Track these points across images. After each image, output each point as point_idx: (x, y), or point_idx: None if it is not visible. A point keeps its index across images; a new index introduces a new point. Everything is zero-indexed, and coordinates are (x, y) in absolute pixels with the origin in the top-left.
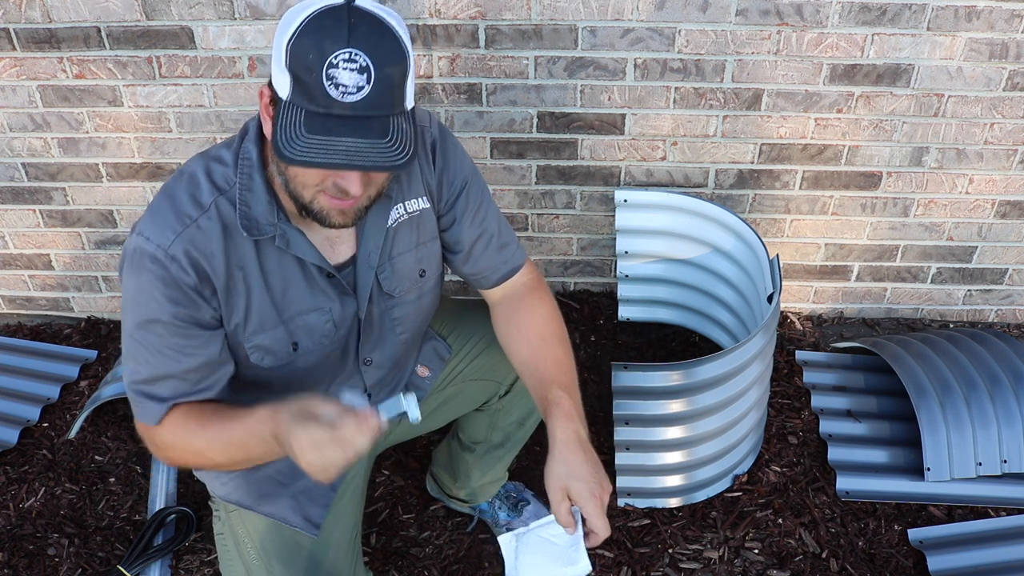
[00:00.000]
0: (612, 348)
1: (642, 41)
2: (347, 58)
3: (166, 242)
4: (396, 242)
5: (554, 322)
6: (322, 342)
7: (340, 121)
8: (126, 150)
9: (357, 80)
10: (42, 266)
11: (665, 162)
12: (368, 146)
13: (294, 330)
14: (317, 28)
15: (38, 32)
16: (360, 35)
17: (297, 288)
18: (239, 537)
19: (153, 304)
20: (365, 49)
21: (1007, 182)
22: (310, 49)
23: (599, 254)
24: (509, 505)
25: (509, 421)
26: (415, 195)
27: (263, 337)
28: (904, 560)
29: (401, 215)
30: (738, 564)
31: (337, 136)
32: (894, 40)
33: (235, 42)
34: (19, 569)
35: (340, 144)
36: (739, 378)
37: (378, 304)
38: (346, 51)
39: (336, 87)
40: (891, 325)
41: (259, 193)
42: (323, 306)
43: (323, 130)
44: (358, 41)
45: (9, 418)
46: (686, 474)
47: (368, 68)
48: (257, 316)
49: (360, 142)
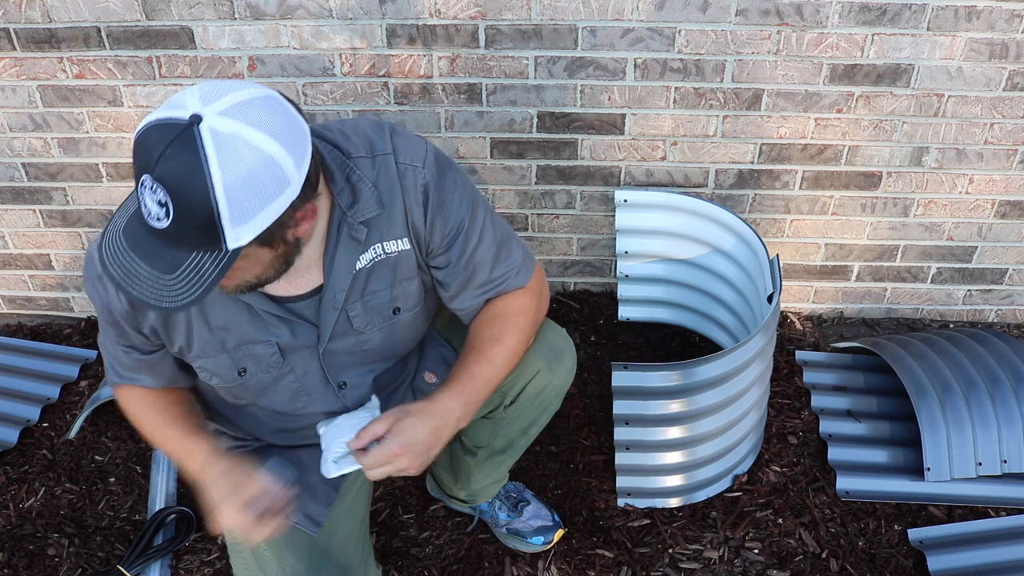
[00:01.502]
0: (612, 348)
1: (642, 41)
2: (150, 187)
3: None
4: (370, 281)
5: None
6: (270, 370)
7: (144, 236)
8: (126, 150)
9: (157, 211)
10: (42, 266)
11: (665, 162)
12: (147, 275)
13: (239, 358)
14: (146, 139)
15: (38, 32)
16: (166, 168)
17: (239, 321)
18: None
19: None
20: (166, 184)
21: (1007, 182)
22: (136, 157)
23: (599, 254)
24: (509, 505)
25: (513, 429)
26: (396, 236)
27: (206, 361)
28: (904, 560)
29: (378, 255)
30: (738, 564)
31: (133, 252)
32: (894, 40)
33: (235, 42)
34: (19, 569)
35: (128, 261)
36: (739, 378)
37: (346, 339)
38: (150, 179)
39: (144, 207)
40: (891, 325)
41: None
42: (268, 339)
43: (129, 236)
44: (162, 174)
45: (9, 418)
46: (686, 474)
47: (167, 206)
48: (198, 344)
49: (143, 268)
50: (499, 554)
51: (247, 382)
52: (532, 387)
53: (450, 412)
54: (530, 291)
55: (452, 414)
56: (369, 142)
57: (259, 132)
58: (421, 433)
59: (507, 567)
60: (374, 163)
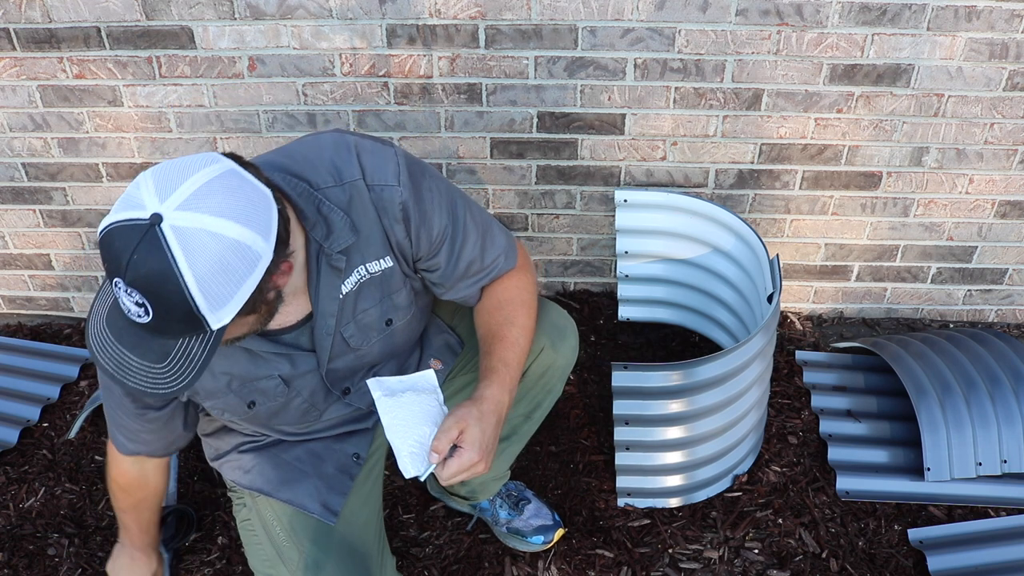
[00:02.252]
0: (612, 348)
1: (642, 41)
2: (125, 290)
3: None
4: (359, 301)
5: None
6: (277, 399)
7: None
8: (126, 150)
9: (136, 311)
10: (42, 266)
11: (665, 162)
12: (139, 365)
13: (246, 395)
14: (110, 242)
15: (38, 32)
16: (138, 274)
17: (239, 364)
18: (267, 520)
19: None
20: (139, 288)
21: (1007, 182)
22: (104, 258)
23: (599, 254)
24: (510, 504)
25: (516, 414)
26: (377, 256)
27: (215, 402)
28: (904, 560)
29: (363, 276)
30: (738, 564)
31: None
32: (894, 40)
33: (235, 42)
34: (19, 569)
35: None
36: (739, 378)
37: (345, 357)
38: (122, 282)
39: (122, 304)
40: (891, 325)
41: None
42: (270, 373)
43: (113, 329)
44: (135, 279)
45: (9, 418)
46: (686, 474)
47: (144, 304)
48: (203, 390)
49: (132, 359)
50: (499, 554)
51: (258, 412)
52: (537, 366)
53: (502, 403)
54: (521, 268)
55: (503, 404)
56: (336, 169)
57: (220, 219)
58: (488, 434)
59: (507, 567)
60: (344, 190)
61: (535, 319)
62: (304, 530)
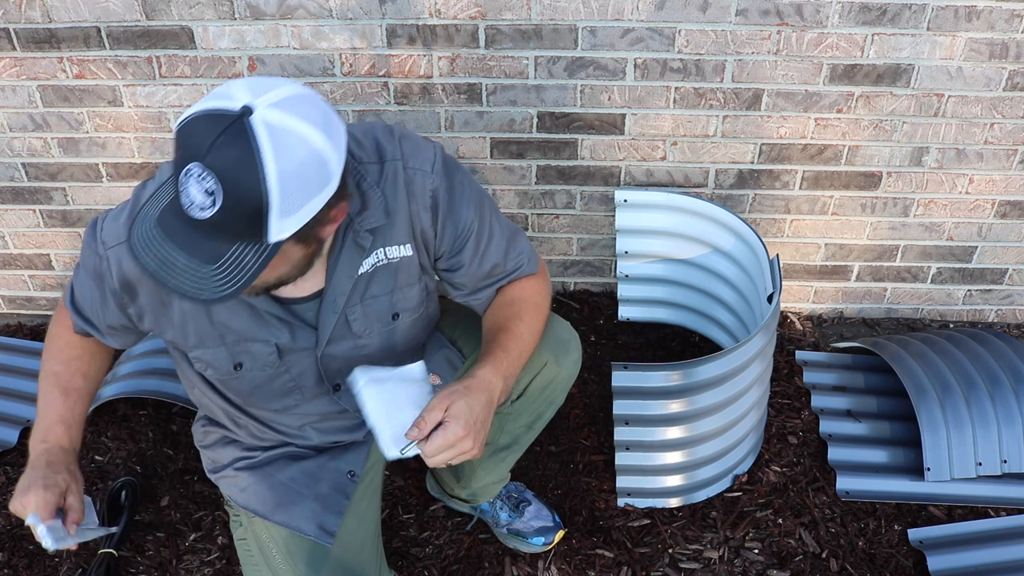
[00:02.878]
0: (612, 348)
1: (642, 41)
2: (198, 175)
3: (109, 241)
4: (371, 285)
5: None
6: (266, 369)
7: (181, 227)
8: (126, 150)
9: (203, 200)
10: (42, 266)
11: (665, 162)
12: (186, 266)
13: (237, 353)
14: (194, 128)
15: (38, 32)
16: (219, 157)
17: (240, 319)
18: (263, 542)
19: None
20: (217, 173)
21: (1007, 182)
22: (180, 146)
23: (599, 254)
24: (511, 506)
25: (518, 424)
26: (398, 242)
27: (203, 352)
28: (904, 560)
29: (380, 260)
30: (738, 564)
31: (170, 242)
32: (894, 40)
33: (235, 42)
34: (19, 569)
35: (165, 252)
36: (739, 378)
37: (344, 342)
38: (199, 167)
39: (186, 196)
40: (891, 325)
41: None
42: (268, 338)
43: (165, 228)
44: (214, 162)
45: (9, 418)
46: (686, 474)
47: (214, 194)
48: (194, 333)
49: (181, 259)
50: (499, 554)
51: (242, 376)
52: (539, 380)
53: (493, 384)
54: (539, 275)
55: (495, 386)
56: (379, 147)
57: (309, 126)
58: (476, 410)
59: (507, 567)
60: (382, 169)
61: (544, 322)
62: (300, 552)
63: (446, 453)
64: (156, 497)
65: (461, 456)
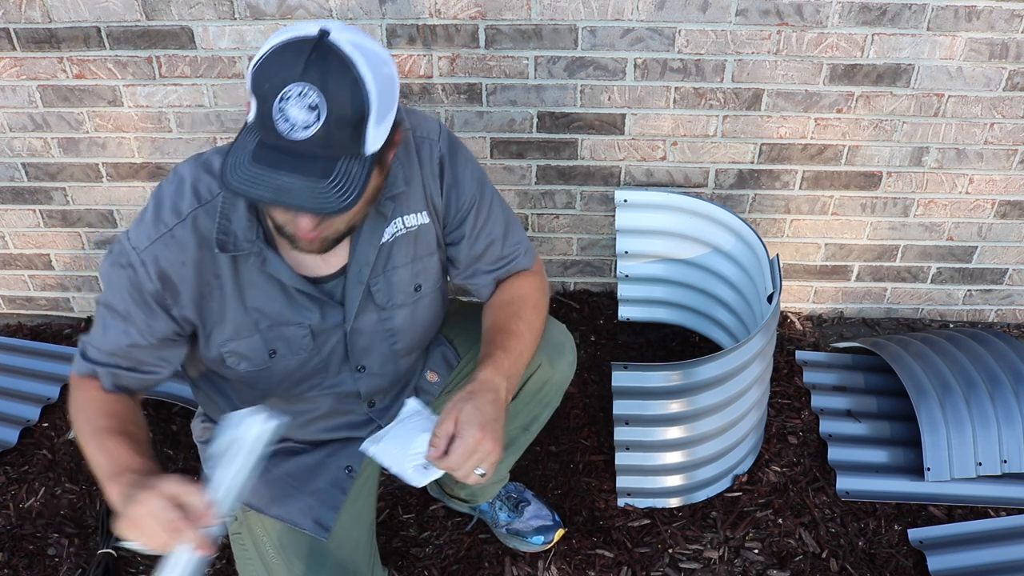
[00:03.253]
0: (612, 348)
1: (642, 41)
2: (299, 92)
3: (140, 246)
4: (392, 255)
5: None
6: (300, 353)
7: (283, 156)
8: (126, 150)
9: (306, 117)
10: (42, 266)
11: (665, 162)
12: (303, 186)
13: (271, 339)
14: (279, 58)
15: (38, 32)
16: (317, 72)
17: (274, 303)
18: (257, 536)
19: (117, 294)
20: (320, 85)
21: (1007, 182)
22: (268, 77)
23: (599, 254)
24: (510, 506)
25: (514, 425)
26: (415, 210)
27: (238, 344)
28: (904, 560)
29: (399, 229)
30: (738, 564)
31: (276, 171)
32: (894, 40)
33: (235, 42)
34: (19, 569)
35: (275, 180)
36: (739, 378)
37: (369, 315)
38: (299, 85)
39: (285, 121)
40: (891, 325)
41: (241, 210)
42: (302, 320)
43: (265, 161)
44: (313, 78)
45: (9, 418)
46: (686, 474)
47: (318, 107)
48: (232, 324)
49: (296, 181)
50: (499, 554)
51: (274, 365)
52: (533, 382)
53: (496, 383)
54: (536, 273)
55: (498, 385)
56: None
57: (378, 47)
58: (487, 410)
59: (507, 567)
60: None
61: (543, 320)
62: (293, 548)
63: (470, 460)
64: None
65: (487, 459)
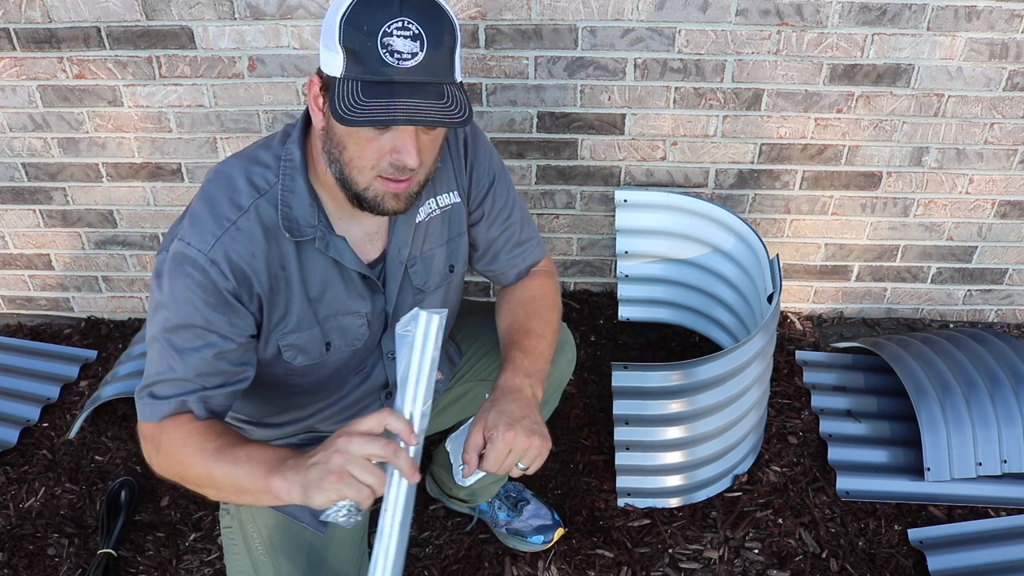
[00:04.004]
0: (612, 348)
1: (642, 41)
2: (401, 26)
3: (206, 247)
4: (428, 237)
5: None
6: (354, 344)
7: (397, 86)
8: (126, 150)
9: (411, 47)
10: (42, 266)
11: (665, 162)
12: (428, 104)
13: (328, 331)
14: (368, 3)
15: (38, 32)
16: (411, 5)
17: (334, 291)
18: (248, 531)
19: (189, 308)
20: (417, 18)
21: (1007, 182)
22: (364, 21)
23: (599, 254)
24: (509, 505)
25: None
26: (447, 189)
27: (298, 337)
28: (904, 560)
29: (433, 210)
30: (738, 564)
31: (396, 97)
32: (894, 40)
33: (235, 42)
34: (19, 569)
35: (399, 104)
36: (739, 378)
37: (407, 298)
38: (399, 19)
39: (392, 54)
40: (891, 325)
41: (301, 195)
42: (360, 309)
43: (381, 94)
44: (410, 10)
45: (9, 418)
46: (686, 474)
47: (421, 36)
48: (295, 316)
49: (420, 102)
50: (499, 554)
51: (328, 358)
52: None
53: (517, 384)
54: (551, 274)
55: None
56: None
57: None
58: (512, 409)
59: (507, 567)
60: None
61: (559, 316)
62: (282, 546)
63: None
64: (156, 497)
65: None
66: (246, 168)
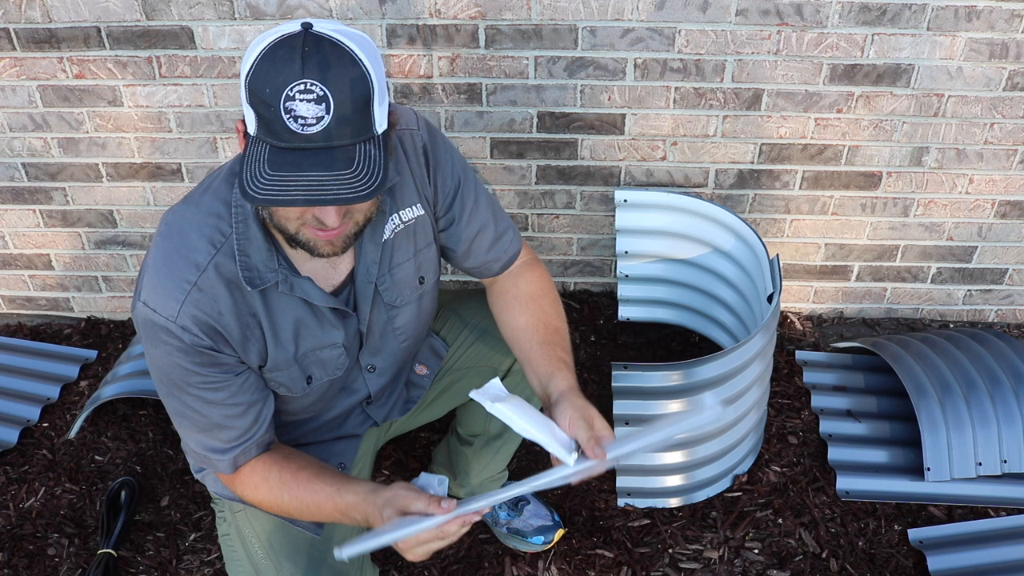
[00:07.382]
0: (612, 348)
1: (642, 41)
2: (303, 89)
3: (172, 313)
4: (395, 253)
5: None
6: (335, 373)
7: (303, 155)
8: (126, 150)
9: (315, 111)
10: (42, 266)
11: (665, 162)
12: (331, 179)
13: (307, 366)
14: (272, 61)
15: (38, 32)
16: (315, 64)
17: (307, 328)
18: (246, 537)
19: (180, 371)
20: (320, 78)
21: (1007, 182)
22: (267, 83)
23: (599, 254)
24: (509, 504)
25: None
26: (409, 203)
27: (278, 375)
28: (904, 560)
29: (397, 225)
30: (738, 564)
31: (300, 171)
32: (894, 40)
33: (235, 42)
34: (19, 569)
35: (302, 180)
36: (739, 378)
37: (379, 314)
38: (301, 82)
39: (295, 120)
40: (891, 325)
41: (257, 241)
42: (335, 340)
43: (286, 166)
44: (312, 70)
45: (9, 418)
46: (686, 474)
47: (326, 97)
48: (271, 360)
49: (323, 175)
50: (499, 554)
51: (311, 389)
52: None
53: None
54: (535, 261)
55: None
56: None
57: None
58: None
59: (507, 567)
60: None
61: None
62: (282, 547)
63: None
64: (156, 497)
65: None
66: (199, 221)
